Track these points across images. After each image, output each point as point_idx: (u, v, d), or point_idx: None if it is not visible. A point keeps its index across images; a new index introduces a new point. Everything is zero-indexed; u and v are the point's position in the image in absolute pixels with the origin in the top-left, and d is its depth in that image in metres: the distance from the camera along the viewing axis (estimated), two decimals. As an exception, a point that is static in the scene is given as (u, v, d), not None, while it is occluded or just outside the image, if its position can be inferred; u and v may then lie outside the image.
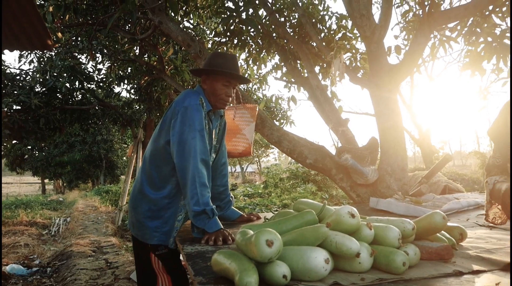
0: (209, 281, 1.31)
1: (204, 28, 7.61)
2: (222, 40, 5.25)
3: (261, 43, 5.20)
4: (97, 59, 8.13)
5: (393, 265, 1.30)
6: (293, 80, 5.17)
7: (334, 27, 4.94)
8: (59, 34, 5.52)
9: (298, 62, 5.06)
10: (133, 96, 9.52)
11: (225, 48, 5.23)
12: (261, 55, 5.51)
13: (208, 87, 2.20)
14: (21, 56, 8.85)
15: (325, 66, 5.03)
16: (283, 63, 5.21)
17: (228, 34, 5.05)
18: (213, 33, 6.76)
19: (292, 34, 4.78)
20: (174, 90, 6.85)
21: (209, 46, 6.40)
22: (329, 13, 4.92)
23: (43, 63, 9.04)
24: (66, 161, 25.08)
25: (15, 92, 8.26)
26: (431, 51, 4.90)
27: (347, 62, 4.89)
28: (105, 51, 7.32)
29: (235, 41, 5.11)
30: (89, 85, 9.25)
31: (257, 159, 38.77)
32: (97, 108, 9.79)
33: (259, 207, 10.87)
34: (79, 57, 8.85)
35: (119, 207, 9.81)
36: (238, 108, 3.22)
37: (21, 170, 26.24)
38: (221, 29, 5.30)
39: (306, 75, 4.70)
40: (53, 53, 8.52)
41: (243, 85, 5.17)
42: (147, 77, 6.86)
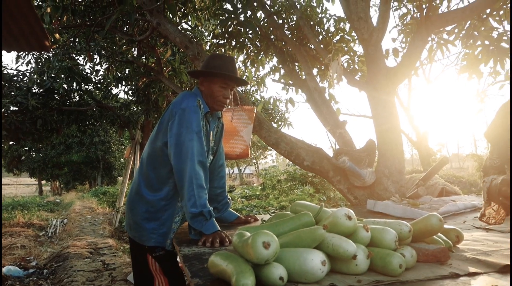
0: (205, 283, 1.31)
1: (202, 30, 7.63)
2: (220, 42, 5.25)
3: (259, 45, 5.21)
4: (95, 60, 8.14)
5: (389, 267, 1.30)
6: (291, 82, 5.17)
7: (332, 29, 4.96)
8: (57, 35, 5.52)
9: (296, 64, 5.07)
10: (130, 98, 9.51)
11: (223, 50, 5.23)
12: (259, 57, 5.51)
13: (206, 89, 2.20)
14: (18, 57, 8.83)
15: (323, 69, 5.03)
16: (281, 65, 5.21)
17: (226, 36, 5.05)
18: (211, 35, 6.76)
19: (290, 36, 4.79)
20: (172, 92, 6.85)
21: (207, 48, 6.40)
22: (327, 15, 4.94)
23: (40, 64, 9.03)
24: (63, 162, 25.01)
25: (12, 93, 8.24)
26: (428, 54, 4.91)
27: (345, 65, 4.90)
28: (103, 52, 7.32)
29: (233, 43, 5.11)
30: (86, 87, 9.23)
31: (255, 161, 38.75)
32: (94, 109, 9.77)
33: (256, 209, 10.85)
34: (76, 58, 8.86)
35: (116, 208, 9.79)
36: (236, 110, 3.22)
37: (18, 171, 26.18)
38: (219, 31, 5.30)
39: (304, 77, 4.70)
40: (50, 54, 8.52)
41: (241, 87, 5.17)
42: (145, 79, 6.86)
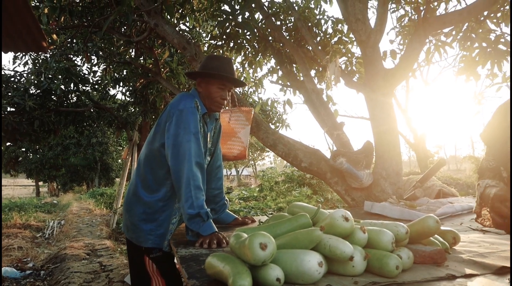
0: (202, 284, 1.31)
1: (200, 31, 7.62)
2: (218, 43, 5.25)
3: (257, 46, 5.21)
4: (92, 61, 8.13)
5: (386, 268, 1.30)
6: (288, 83, 5.17)
7: (330, 31, 4.96)
8: (54, 36, 5.50)
9: (294, 65, 5.07)
10: (128, 99, 9.51)
11: (221, 51, 5.23)
12: (257, 59, 5.51)
13: (203, 90, 2.20)
14: (15, 57, 8.80)
15: (320, 70, 5.04)
16: (279, 67, 5.21)
17: (224, 37, 5.06)
18: (209, 36, 6.77)
19: (288, 37, 4.79)
20: (170, 93, 6.84)
21: (205, 49, 6.41)
22: (325, 17, 4.94)
23: (37, 65, 9.00)
24: (61, 163, 24.95)
25: (10, 94, 8.21)
26: (426, 56, 4.93)
27: (343, 66, 4.90)
28: (100, 53, 7.31)
29: (231, 44, 5.11)
30: (84, 87, 9.22)
31: (252, 162, 38.78)
32: (92, 110, 9.75)
33: (254, 210, 10.85)
34: (74, 59, 8.84)
35: (113, 210, 9.77)
36: (234, 111, 3.22)
37: (15, 173, 26.09)
38: (217, 32, 5.30)
39: (301, 78, 4.70)
40: (48, 55, 8.49)
41: (238, 88, 5.18)
42: (142, 80, 6.85)
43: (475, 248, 1.69)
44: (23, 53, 8.52)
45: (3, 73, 8.99)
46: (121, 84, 8.37)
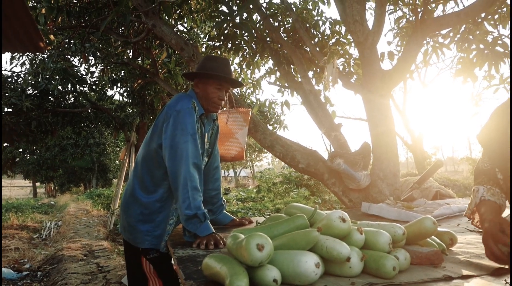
0: (199, 285, 1.31)
1: (198, 32, 7.63)
2: (216, 44, 5.25)
3: (255, 47, 5.21)
4: (89, 61, 8.11)
5: (383, 269, 1.30)
6: (286, 84, 5.18)
7: (327, 32, 4.96)
8: (52, 37, 5.49)
9: (292, 66, 5.07)
10: (126, 99, 9.49)
11: (218, 52, 5.23)
12: (255, 60, 5.51)
13: (201, 91, 2.20)
14: (12, 58, 8.79)
15: (318, 71, 5.04)
16: (276, 68, 5.22)
17: (222, 38, 5.05)
18: (207, 37, 6.76)
19: (286, 39, 4.79)
20: (167, 94, 6.84)
21: (203, 50, 6.40)
22: (323, 18, 4.95)
23: (35, 65, 8.99)
24: (58, 164, 24.87)
25: (7, 95, 8.20)
26: (423, 58, 4.93)
27: (340, 67, 4.91)
28: (98, 53, 7.29)
29: (229, 45, 5.11)
30: (81, 88, 9.21)
31: (250, 163, 38.77)
32: (89, 111, 9.74)
33: (252, 211, 10.83)
34: (71, 59, 8.82)
35: (111, 210, 9.74)
36: (231, 112, 3.23)
37: (12, 173, 25.95)
38: (215, 33, 5.30)
39: (299, 79, 4.71)
40: (45, 56, 8.48)
41: (236, 89, 5.17)
42: (140, 81, 6.85)
43: (472, 249, 1.70)
44: (20, 54, 8.50)
45: (0, 73, 8.98)
46: (118, 85, 8.36)
